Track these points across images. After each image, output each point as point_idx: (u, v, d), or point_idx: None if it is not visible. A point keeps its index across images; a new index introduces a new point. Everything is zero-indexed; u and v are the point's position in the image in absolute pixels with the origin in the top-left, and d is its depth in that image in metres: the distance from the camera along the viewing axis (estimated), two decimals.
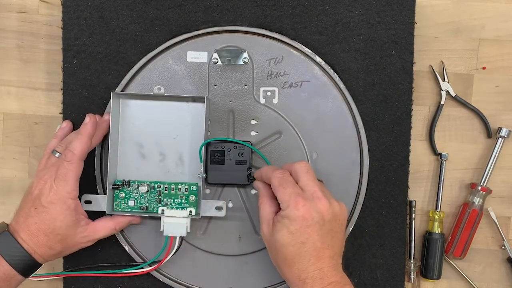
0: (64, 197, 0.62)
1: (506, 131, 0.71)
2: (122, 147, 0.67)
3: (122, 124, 0.67)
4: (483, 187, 0.70)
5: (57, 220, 0.62)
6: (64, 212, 0.62)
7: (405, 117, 0.69)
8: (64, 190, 0.62)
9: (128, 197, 0.66)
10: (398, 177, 0.69)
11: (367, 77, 0.69)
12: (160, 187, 0.66)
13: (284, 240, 0.58)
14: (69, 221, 0.63)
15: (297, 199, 0.58)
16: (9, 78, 0.73)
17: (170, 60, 0.69)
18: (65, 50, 0.69)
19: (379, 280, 0.69)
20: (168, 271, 0.69)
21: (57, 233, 0.62)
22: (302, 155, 0.68)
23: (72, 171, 0.62)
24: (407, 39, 0.68)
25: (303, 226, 0.57)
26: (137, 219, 0.68)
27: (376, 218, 0.69)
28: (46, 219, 0.62)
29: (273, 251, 0.60)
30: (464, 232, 0.70)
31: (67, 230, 0.63)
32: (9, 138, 0.73)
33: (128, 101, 0.67)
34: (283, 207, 0.59)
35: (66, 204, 0.62)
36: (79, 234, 0.64)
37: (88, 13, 0.69)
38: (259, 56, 0.69)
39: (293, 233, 0.57)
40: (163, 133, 0.67)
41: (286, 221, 0.58)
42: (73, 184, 0.63)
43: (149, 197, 0.66)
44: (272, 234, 0.59)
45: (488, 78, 0.72)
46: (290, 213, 0.58)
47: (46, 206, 0.62)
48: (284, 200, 0.58)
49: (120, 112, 0.67)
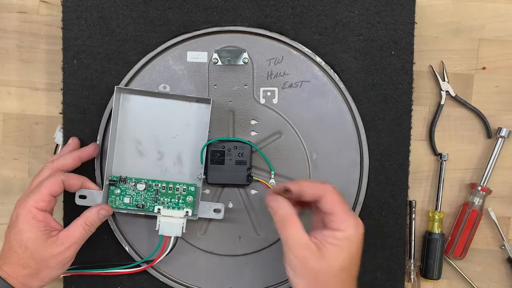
0: (30, 205, 0.59)
1: (506, 131, 0.71)
2: (120, 143, 0.67)
3: (122, 120, 0.67)
4: (483, 187, 0.70)
5: (23, 230, 0.58)
6: (29, 221, 0.58)
7: (405, 117, 0.69)
8: (31, 198, 0.59)
9: (123, 194, 0.65)
10: (398, 177, 0.69)
11: (367, 77, 0.69)
12: (157, 186, 0.66)
13: (345, 264, 0.53)
14: (37, 232, 0.58)
15: (357, 220, 0.54)
16: (9, 78, 0.73)
17: (170, 60, 0.69)
18: (65, 50, 0.69)
19: (379, 280, 0.69)
20: (168, 271, 0.69)
21: (26, 247, 0.58)
22: (302, 155, 0.68)
23: (49, 182, 0.60)
24: (407, 39, 0.68)
25: (360, 246, 0.54)
26: (106, 207, 0.63)
27: (376, 218, 0.69)
28: (14, 233, 0.58)
29: (321, 279, 0.53)
30: (464, 232, 0.70)
31: (36, 243, 0.58)
32: (9, 138, 0.73)
33: (131, 96, 0.67)
34: (342, 228, 0.53)
35: (31, 213, 0.58)
36: (52, 244, 0.58)
37: (88, 13, 0.69)
38: (259, 56, 0.69)
39: (353, 255, 0.54)
40: (163, 131, 0.67)
41: (346, 245, 0.53)
42: (44, 194, 0.59)
43: (145, 195, 0.66)
44: (321, 259, 0.52)
45: (488, 78, 0.72)
46: (355, 234, 0.53)
47: (15, 220, 0.59)
48: (344, 220, 0.53)
49: (120, 107, 0.66)
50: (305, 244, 0.53)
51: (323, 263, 0.52)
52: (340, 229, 0.53)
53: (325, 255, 0.52)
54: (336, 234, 0.53)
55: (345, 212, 0.54)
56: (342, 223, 0.53)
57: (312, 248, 0.53)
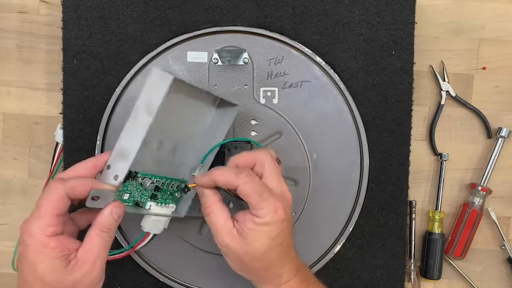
0: (36, 233, 0.49)
1: (506, 131, 0.71)
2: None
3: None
4: (483, 187, 0.70)
5: (36, 263, 0.49)
6: (41, 251, 0.49)
7: (405, 117, 0.69)
8: (36, 225, 0.49)
9: (124, 190, 0.56)
10: (398, 177, 0.69)
11: (367, 77, 0.69)
12: (158, 182, 0.58)
13: (265, 248, 0.54)
14: (53, 262, 0.49)
15: (276, 204, 0.54)
16: (9, 78, 0.73)
17: (170, 60, 0.69)
18: (65, 50, 0.69)
19: (379, 280, 0.69)
20: (168, 271, 0.69)
21: (42, 280, 0.49)
22: (302, 155, 0.68)
23: (49, 201, 0.50)
24: (407, 39, 0.68)
25: (283, 228, 0.55)
26: (117, 204, 0.53)
27: (376, 218, 0.69)
28: (26, 265, 0.49)
29: (246, 261, 0.55)
30: (464, 232, 0.70)
31: (55, 274, 0.49)
32: (9, 138, 0.73)
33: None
34: (260, 214, 0.53)
35: (41, 242, 0.49)
36: (73, 269, 0.50)
37: (88, 13, 0.69)
38: (259, 56, 0.69)
39: (274, 238, 0.54)
40: (173, 124, 0.60)
41: (265, 228, 0.54)
42: (48, 217, 0.49)
43: (143, 192, 0.58)
44: (243, 244, 0.54)
45: (488, 78, 0.72)
46: (271, 220, 0.53)
47: (23, 250, 0.50)
48: (260, 207, 0.53)
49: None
50: (227, 231, 0.54)
51: (244, 247, 0.54)
52: (258, 215, 0.53)
53: (246, 240, 0.53)
54: (255, 219, 0.54)
55: (262, 199, 0.53)
56: (260, 210, 0.53)
57: (234, 234, 0.54)
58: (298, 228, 0.68)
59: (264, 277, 0.57)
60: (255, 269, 0.56)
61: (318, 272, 0.69)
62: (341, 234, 0.69)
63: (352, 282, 0.69)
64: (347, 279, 0.69)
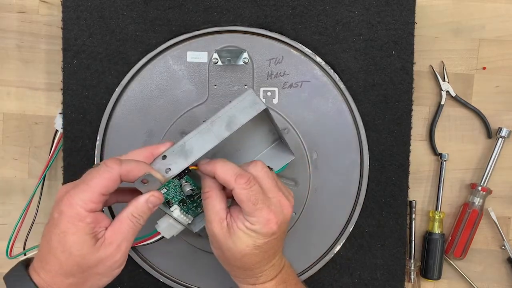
0: (77, 205, 0.49)
1: (506, 131, 0.71)
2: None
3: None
4: (483, 187, 0.70)
5: (68, 233, 0.49)
6: (76, 223, 0.49)
7: (405, 117, 0.69)
8: (79, 197, 0.49)
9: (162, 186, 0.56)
10: (398, 177, 0.69)
11: (367, 77, 0.69)
12: (194, 191, 0.58)
13: (248, 251, 0.54)
14: (84, 236, 0.49)
15: (269, 216, 0.53)
16: (9, 78, 0.73)
17: (170, 60, 0.69)
18: (65, 50, 0.69)
19: (379, 280, 0.69)
20: (168, 271, 0.69)
21: (70, 253, 0.49)
22: (302, 155, 0.68)
23: (101, 178, 0.49)
24: (407, 39, 0.68)
25: (271, 240, 0.54)
26: (156, 194, 0.53)
27: (376, 218, 0.69)
28: (56, 233, 0.49)
29: (227, 255, 0.55)
30: (464, 232, 0.70)
31: (84, 249, 0.49)
32: (9, 138, 0.73)
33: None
34: (251, 221, 0.53)
35: (79, 215, 0.49)
36: (99, 247, 0.50)
37: (88, 13, 0.69)
38: (259, 56, 0.69)
39: (259, 246, 0.54)
40: (233, 140, 0.58)
41: (253, 235, 0.53)
42: (95, 194, 0.49)
43: (177, 194, 0.58)
44: (229, 238, 0.54)
45: (488, 78, 0.72)
46: (260, 230, 0.53)
47: (57, 217, 0.49)
48: (252, 215, 0.53)
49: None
50: (218, 221, 0.54)
51: (228, 242, 0.54)
52: (250, 221, 0.53)
53: (231, 236, 0.53)
54: (246, 223, 0.53)
55: (256, 208, 0.52)
56: (251, 217, 0.53)
57: (223, 226, 0.54)
58: (298, 228, 0.68)
59: (240, 275, 0.57)
60: (232, 265, 0.56)
61: (318, 272, 0.69)
62: (341, 234, 0.69)
63: (352, 282, 0.69)
64: (347, 279, 0.69)
